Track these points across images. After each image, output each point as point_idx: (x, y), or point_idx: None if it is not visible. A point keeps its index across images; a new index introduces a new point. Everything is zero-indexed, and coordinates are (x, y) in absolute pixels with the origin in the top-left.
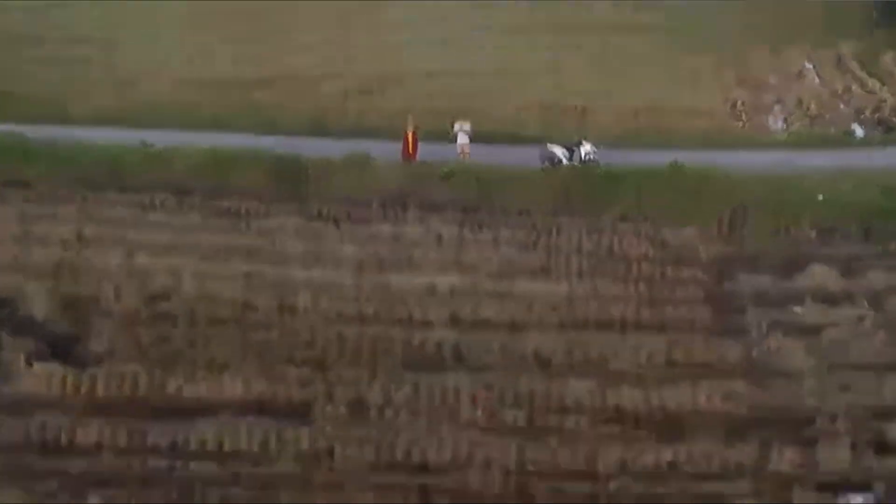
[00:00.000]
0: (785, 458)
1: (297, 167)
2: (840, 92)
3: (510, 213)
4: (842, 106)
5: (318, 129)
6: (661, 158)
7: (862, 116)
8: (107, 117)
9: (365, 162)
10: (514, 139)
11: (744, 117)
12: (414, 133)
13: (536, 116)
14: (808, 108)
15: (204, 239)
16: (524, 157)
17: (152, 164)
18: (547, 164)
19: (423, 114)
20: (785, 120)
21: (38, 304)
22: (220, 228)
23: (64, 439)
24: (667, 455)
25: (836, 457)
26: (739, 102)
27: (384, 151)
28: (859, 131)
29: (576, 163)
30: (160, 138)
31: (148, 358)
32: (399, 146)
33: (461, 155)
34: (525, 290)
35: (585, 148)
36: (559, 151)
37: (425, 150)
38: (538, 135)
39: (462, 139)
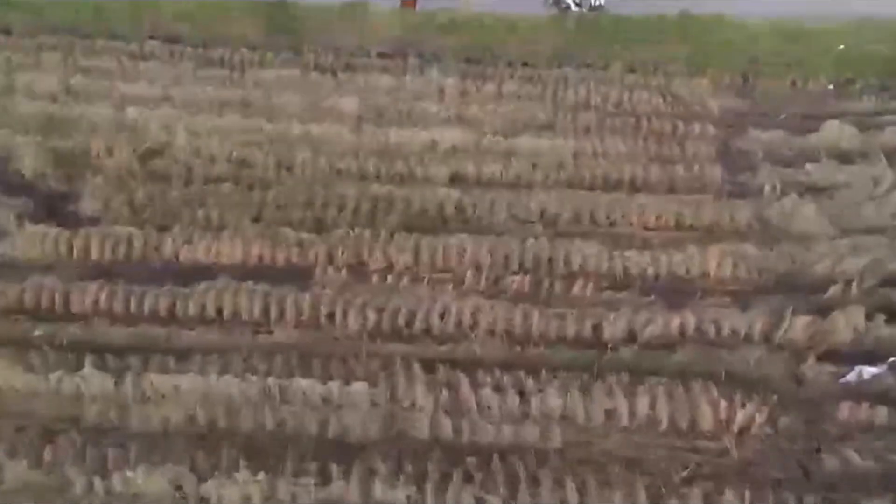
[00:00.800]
0: (797, 326)
1: (290, 16)
2: None
3: (514, 64)
4: None
5: None
6: (672, 6)
7: None
8: None
9: (363, 10)
10: None
11: None
12: None
13: None
14: None
15: (197, 91)
16: (529, 3)
17: (139, 10)
18: (554, 8)
19: None
20: None
21: (28, 160)
22: (214, 80)
23: (59, 304)
24: (675, 322)
25: (849, 325)
26: None
27: None
28: None
29: (584, 9)
30: None
31: (143, 218)
32: None
33: (463, 1)
34: (530, 147)
35: None
36: None
37: None
38: None
39: None
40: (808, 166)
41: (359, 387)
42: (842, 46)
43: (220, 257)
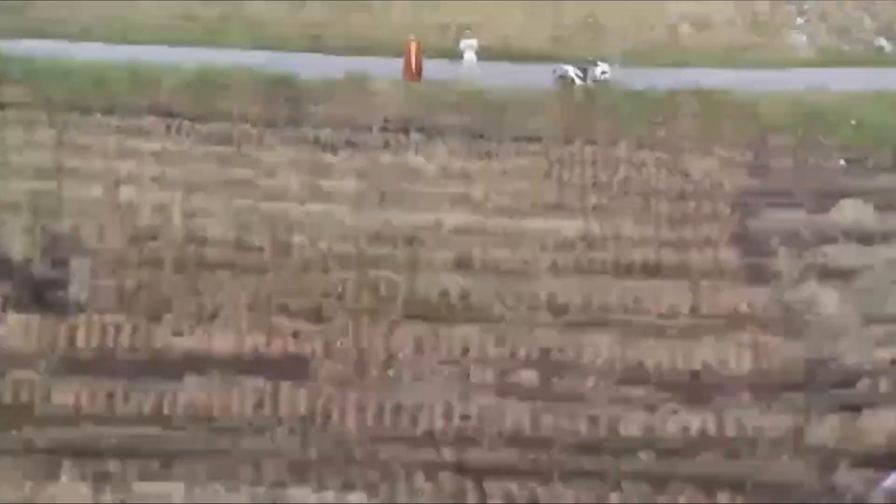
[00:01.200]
0: (826, 427)
1: (292, 88)
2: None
3: (520, 139)
4: (867, 19)
5: (315, 44)
6: (679, 78)
7: (888, 30)
8: (90, 31)
9: (364, 82)
10: (524, 56)
11: (764, 32)
12: (417, 50)
13: (546, 30)
14: (831, 22)
15: (194, 169)
16: (535, 77)
17: (138, 84)
18: (559, 84)
19: (426, 28)
20: (809, 35)
21: (17, 244)
22: (211, 157)
23: (39, 401)
24: (695, 422)
25: (882, 426)
26: (759, 15)
27: (386, 70)
28: (887, 46)
29: (589, 83)
30: (147, 54)
31: (132, 306)
32: (401, 64)
33: (467, 76)
34: (538, 229)
35: (600, 67)
36: (572, 71)
37: (429, 69)
38: (548, 51)
39: (468, 56)
40: (828, 248)
41: (357, 497)
42: (853, 122)
43: (213, 348)
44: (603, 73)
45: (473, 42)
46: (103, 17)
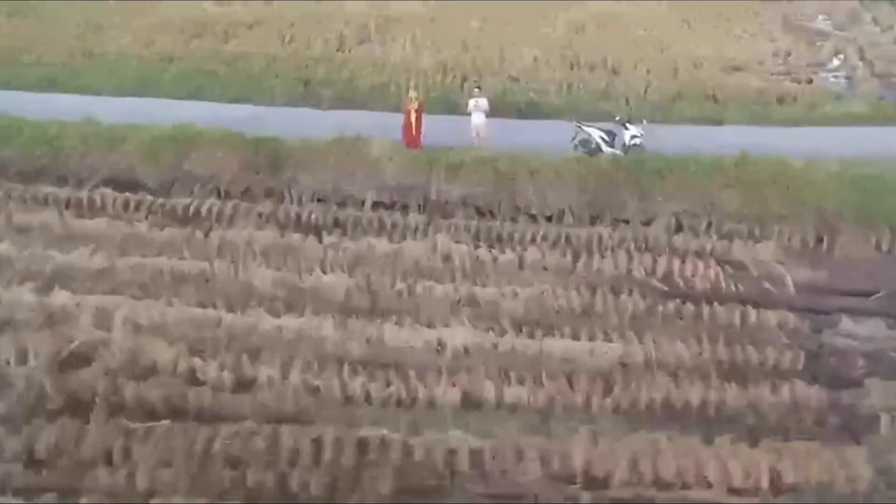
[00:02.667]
0: None
1: (275, 151)
2: None
3: (538, 220)
4: None
5: (301, 95)
6: (715, 139)
7: None
8: (54, 81)
9: (357, 146)
10: (537, 110)
11: (798, 74)
12: (418, 111)
13: (558, 75)
14: (869, 61)
15: (148, 262)
16: (552, 135)
17: (99, 145)
18: (581, 149)
19: (426, 70)
20: (847, 77)
21: None
22: (171, 244)
23: None
24: None
25: None
26: (790, 55)
27: (382, 126)
28: None
29: (617, 149)
30: (113, 108)
31: (43, 479)
32: (399, 113)
33: (476, 139)
34: (563, 353)
35: (630, 131)
36: (596, 135)
37: (433, 127)
38: (562, 104)
39: (477, 119)
40: None
41: None
42: None
43: None
44: (633, 137)
45: (484, 102)
46: (70, 63)
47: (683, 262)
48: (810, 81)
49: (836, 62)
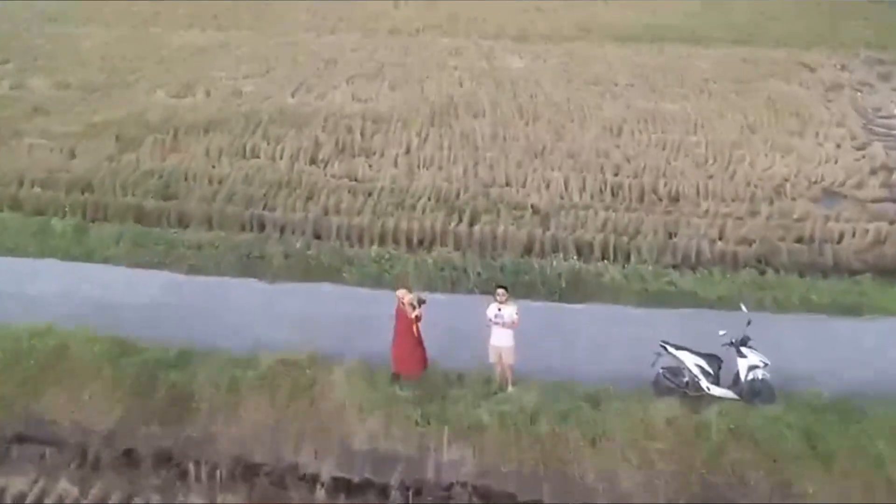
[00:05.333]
0: None
1: (173, 395)
2: None
3: None
4: None
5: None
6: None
7: None
8: None
9: (307, 384)
10: (577, 282)
11: None
12: (419, 318)
13: (599, 212)
14: None
15: None
16: (609, 337)
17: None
18: (666, 381)
19: (422, 203)
20: None
21: None
22: None
23: None
24: None
25: None
26: (889, 172)
27: (357, 317)
28: None
29: (729, 390)
30: None
31: None
32: (384, 290)
33: (497, 371)
34: None
35: (748, 358)
36: (691, 362)
37: (431, 345)
38: (619, 281)
39: (500, 339)
40: None
41: None
42: None
43: None
44: (753, 368)
45: (511, 312)
46: None
47: None
48: None
49: None
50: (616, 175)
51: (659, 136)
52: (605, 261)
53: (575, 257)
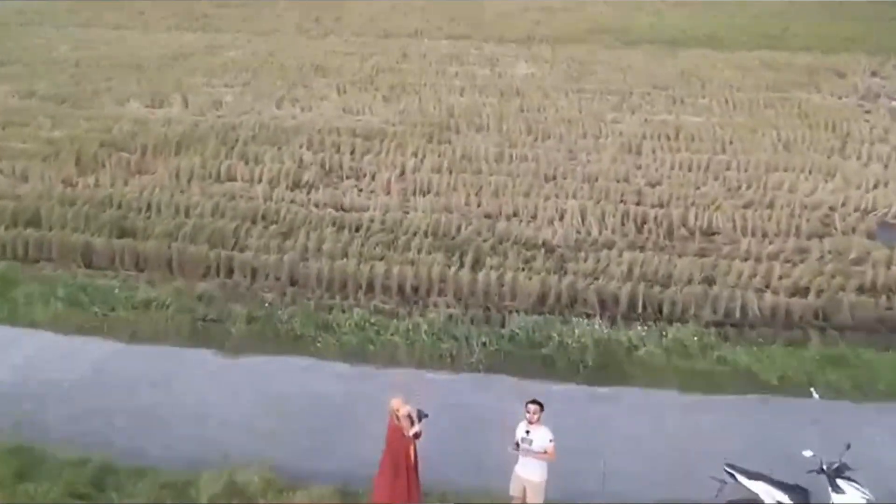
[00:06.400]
0: None
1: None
2: None
3: None
4: None
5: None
6: None
7: None
8: None
9: None
10: (603, 356)
11: None
12: (417, 437)
13: (624, 251)
14: None
15: None
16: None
17: None
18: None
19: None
20: None
21: None
22: None
23: None
24: None
25: None
26: None
27: (337, 403)
28: None
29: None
30: None
31: None
32: (372, 367)
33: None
34: None
35: (847, 495)
36: (768, 495)
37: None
38: (657, 360)
39: (528, 471)
40: None
41: None
42: None
43: None
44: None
45: (544, 435)
46: None
47: None
48: None
49: None
50: (638, 204)
51: (683, 156)
52: (640, 326)
53: (598, 315)
